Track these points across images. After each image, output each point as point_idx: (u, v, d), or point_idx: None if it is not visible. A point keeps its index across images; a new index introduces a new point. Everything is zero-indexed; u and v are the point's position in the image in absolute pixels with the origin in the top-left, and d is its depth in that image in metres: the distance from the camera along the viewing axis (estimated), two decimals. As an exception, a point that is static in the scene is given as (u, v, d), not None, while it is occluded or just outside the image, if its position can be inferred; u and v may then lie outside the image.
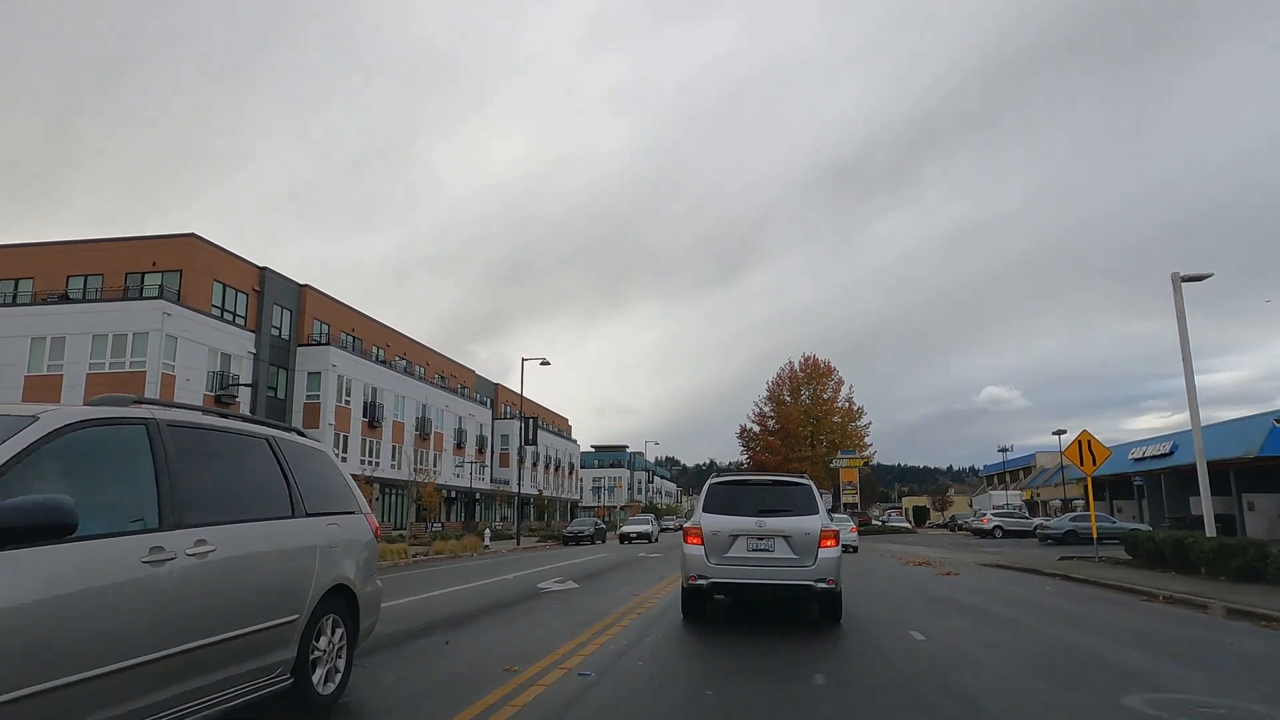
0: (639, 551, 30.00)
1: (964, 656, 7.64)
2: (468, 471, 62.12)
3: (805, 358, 78.71)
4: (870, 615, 10.99)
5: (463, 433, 61.47)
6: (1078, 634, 9.21)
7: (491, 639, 8.76)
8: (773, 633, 9.20)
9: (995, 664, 7.32)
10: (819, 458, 74.98)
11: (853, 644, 8.39)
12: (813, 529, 9.35)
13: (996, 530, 45.18)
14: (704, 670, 7.09)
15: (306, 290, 44.06)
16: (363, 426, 46.14)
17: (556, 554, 31.38)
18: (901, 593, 14.35)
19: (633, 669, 6.87)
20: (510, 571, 19.52)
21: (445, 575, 19.00)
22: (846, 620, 9.97)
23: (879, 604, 12.39)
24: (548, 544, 44.26)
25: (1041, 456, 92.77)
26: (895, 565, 22.57)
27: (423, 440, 54.32)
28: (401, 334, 56.19)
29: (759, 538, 9.32)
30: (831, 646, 8.28)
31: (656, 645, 8.21)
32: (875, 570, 20.69)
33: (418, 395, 54.16)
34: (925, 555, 26.24)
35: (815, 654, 7.79)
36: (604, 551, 31.79)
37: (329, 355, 42.66)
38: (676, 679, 6.63)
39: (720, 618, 10.49)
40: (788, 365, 79.42)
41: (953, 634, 9.21)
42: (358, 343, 49.07)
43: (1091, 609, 11.90)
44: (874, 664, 7.26)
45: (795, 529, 9.35)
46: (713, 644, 8.43)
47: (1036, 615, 11.10)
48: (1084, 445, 21.16)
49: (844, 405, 77.05)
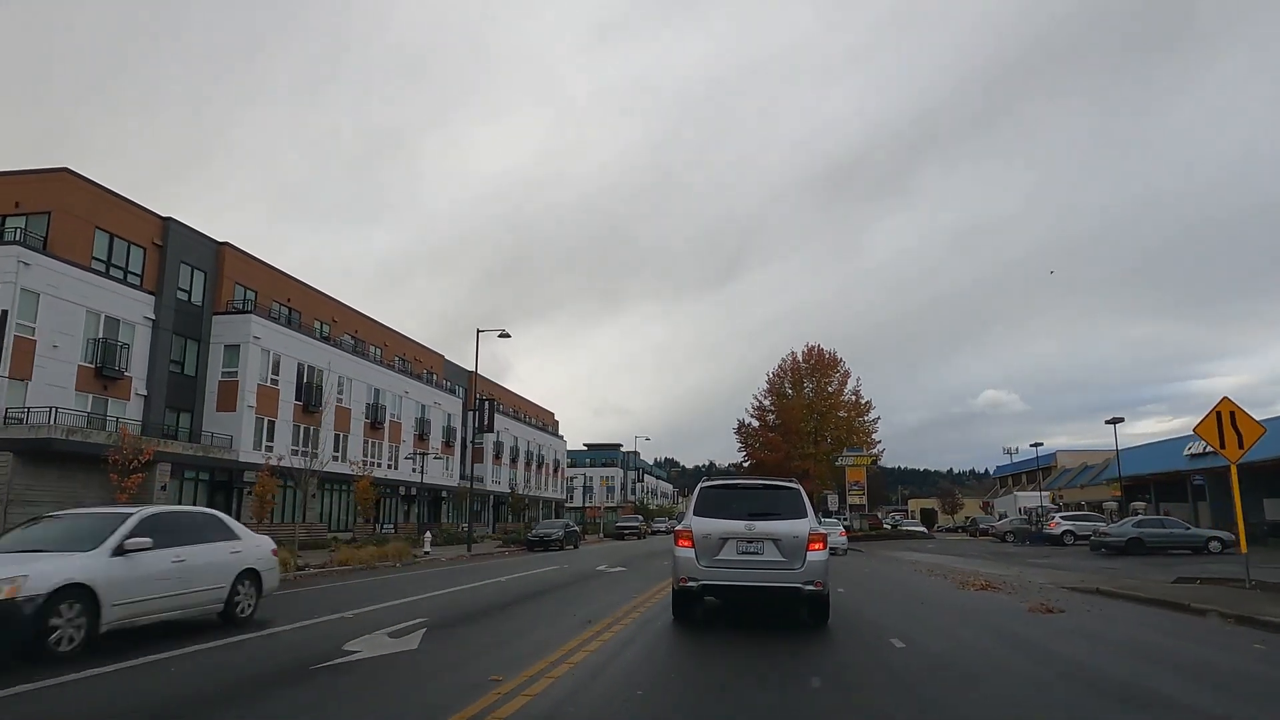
0: (600, 565, 23.46)
1: None
2: (434, 466, 55.52)
3: (809, 348, 72.17)
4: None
5: (426, 423, 54.88)
6: None
7: None
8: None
9: None
10: (823, 455, 68.35)
11: None
12: (801, 532, 9.42)
13: (1067, 535, 38.31)
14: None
15: (226, 250, 37.48)
16: (295, 411, 39.57)
17: (499, 565, 24.91)
18: (1013, 661, 7.75)
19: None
20: (354, 606, 12.95)
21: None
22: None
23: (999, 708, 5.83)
24: (509, 550, 37.77)
25: (1063, 456, 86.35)
26: (946, 589, 16.03)
27: (374, 430, 47.74)
28: (352, 309, 49.60)
29: (748, 540, 9.43)
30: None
31: None
32: (921, 597, 14.14)
33: (370, 378, 47.58)
34: (982, 573, 19.71)
35: None
36: (560, 564, 25.24)
37: (250, 325, 36.09)
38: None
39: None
40: (789, 356, 72.87)
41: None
42: (295, 315, 42.50)
43: None
44: None
45: (784, 532, 9.41)
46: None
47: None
48: (1226, 419, 14.58)
49: (850, 399, 70.46)
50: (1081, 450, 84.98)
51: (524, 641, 8.73)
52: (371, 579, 19.10)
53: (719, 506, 9.77)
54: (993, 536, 50.37)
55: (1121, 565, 23.85)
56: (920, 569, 22.70)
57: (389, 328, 54.32)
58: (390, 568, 24.09)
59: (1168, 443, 47.76)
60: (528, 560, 27.82)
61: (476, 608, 12.39)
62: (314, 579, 19.11)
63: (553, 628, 9.88)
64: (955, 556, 30.17)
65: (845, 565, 24.13)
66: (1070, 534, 38.91)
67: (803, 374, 71.73)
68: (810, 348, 72.30)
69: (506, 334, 34.99)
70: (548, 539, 37.67)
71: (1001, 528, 47.35)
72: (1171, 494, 47.46)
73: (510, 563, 26.60)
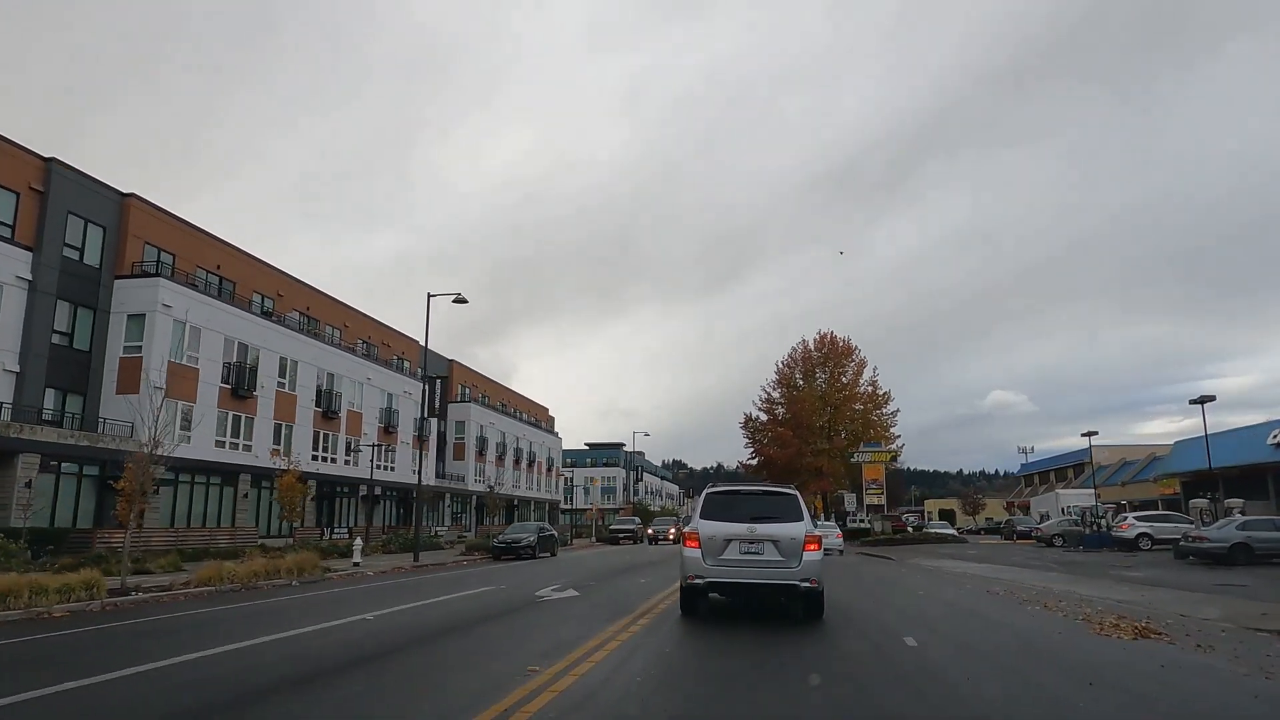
0: (549, 585, 17.33)
1: None
2: (402, 462, 49.61)
3: (821, 335, 65.81)
4: None
5: (393, 414, 48.95)
6: None
7: None
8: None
9: None
10: (838, 451, 61.98)
11: None
12: (798, 534, 10.06)
13: (1142, 539, 32.15)
14: None
15: (131, 202, 31.63)
16: (222, 395, 33.69)
17: (427, 584, 18.95)
18: None
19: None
20: (73, 676, 6.93)
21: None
22: None
23: None
24: (471, 558, 31.78)
25: (1098, 451, 79.51)
26: (1068, 633, 9.82)
27: (327, 420, 41.84)
28: (304, 283, 43.71)
29: (750, 542, 10.08)
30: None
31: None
32: (1046, 653, 7.78)
33: (323, 362, 41.69)
34: (1087, 596, 13.57)
35: None
36: (502, 582, 19.16)
37: (158, 291, 30.20)
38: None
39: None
40: (800, 344, 66.50)
41: None
42: (227, 286, 36.64)
43: None
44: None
45: (782, 534, 10.07)
46: None
47: None
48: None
49: (866, 390, 64.10)
50: (1119, 445, 78.48)
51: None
52: (216, 609, 13.11)
53: (723, 510, 10.48)
54: (1036, 540, 44.04)
55: (1250, 580, 17.72)
56: (986, 588, 16.58)
57: (352, 308, 48.43)
58: (282, 587, 18.16)
59: (1244, 430, 41.35)
60: (472, 575, 21.82)
61: (241, 690, 6.38)
62: (120, 613, 13.09)
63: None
64: (1014, 567, 23.98)
65: (886, 582, 18.08)
66: (1146, 537, 32.65)
67: (815, 363, 65.52)
68: (822, 335, 66.05)
69: (463, 299, 29.02)
70: (516, 545, 31.65)
71: (1049, 530, 41.03)
72: (1245, 489, 41.02)
73: (449, 579, 20.64)
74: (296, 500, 28.06)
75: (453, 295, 29.19)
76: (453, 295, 29.19)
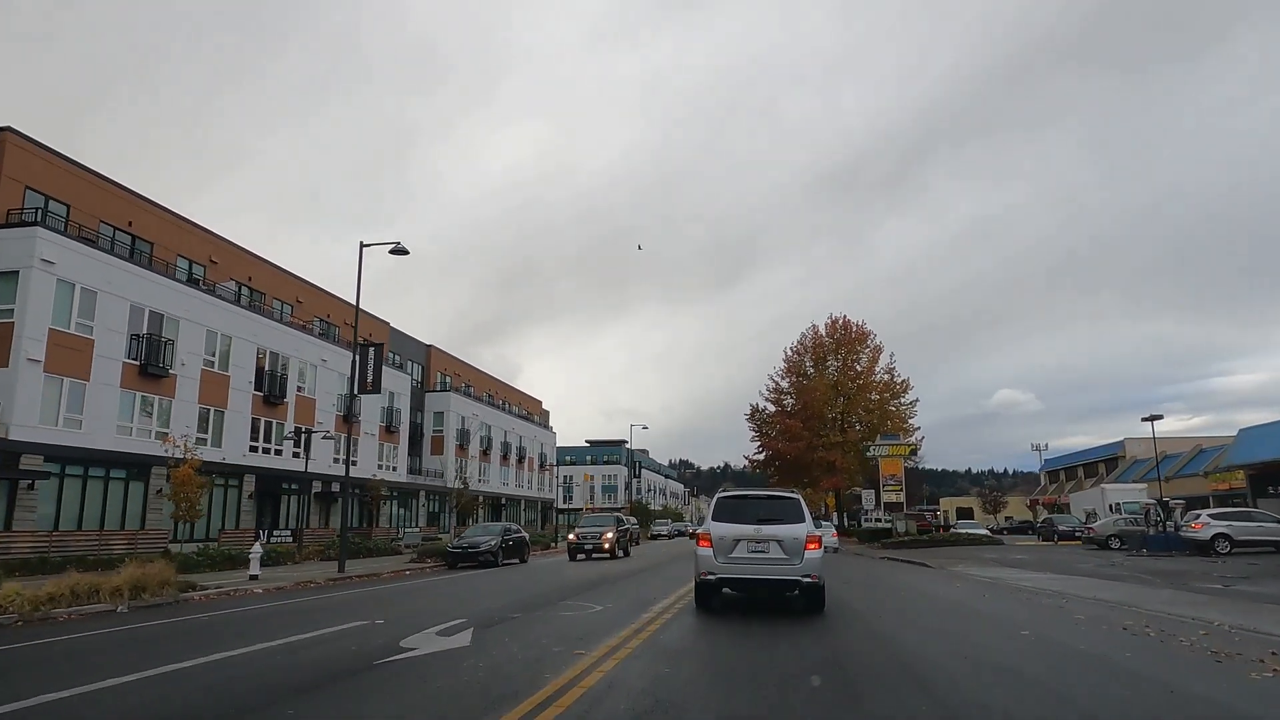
0: (424, 636, 11.90)
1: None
2: (366, 456, 44.33)
3: (832, 319, 60.07)
4: None
5: (355, 400, 43.53)
6: None
7: None
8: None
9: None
10: (852, 444, 56.30)
11: None
12: (800, 535, 10.96)
13: (1219, 541, 26.79)
14: None
15: (7, 138, 26.29)
16: (128, 373, 28.42)
17: (318, 610, 13.62)
18: None
19: None
20: None
21: None
22: None
23: None
24: (421, 567, 26.49)
25: (1133, 445, 73.64)
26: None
27: (269, 406, 36.52)
28: (247, 251, 38.37)
29: (757, 541, 10.98)
30: None
31: None
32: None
33: (265, 339, 36.39)
34: (1237, 627, 8.11)
35: None
36: (373, 619, 13.78)
37: (35, 244, 24.81)
38: None
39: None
40: (810, 330, 60.70)
41: None
42: (143, 247, 31.35)
43: None
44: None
45: (786, 535, 10.96)
46: None
47: None
48: None
49: (883, 378, 58.35)
50: (1159, 438, 72.32)
51: None
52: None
53: (732, 513, 11.45)
54: (1084, 542, 38.41)
55: None
56: (1101, 617, 11.08)
57: (307, 282, 43.09)
58: (92, 618, 12.85)
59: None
60: (375, 598, 16.46)
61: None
62: None
63: None
64: (1093, 579, 18.44)
65: (944, 604, 12.52)
66: (1223, 539, 27.13)
67: (826, 350, 59.82)
68: (834, 319, 60.34)
69: (403, 249, 23.65)
70: (475, 551, 26.32)
71: (1102, 530, 35.37)
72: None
73: (338, 604, 15.32)
74: (196, 497, 22.69)
75: (390, 244, 23.82)
76: (390, 244, 23.82)
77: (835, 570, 22.74)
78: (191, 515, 22.82)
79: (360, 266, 23.92)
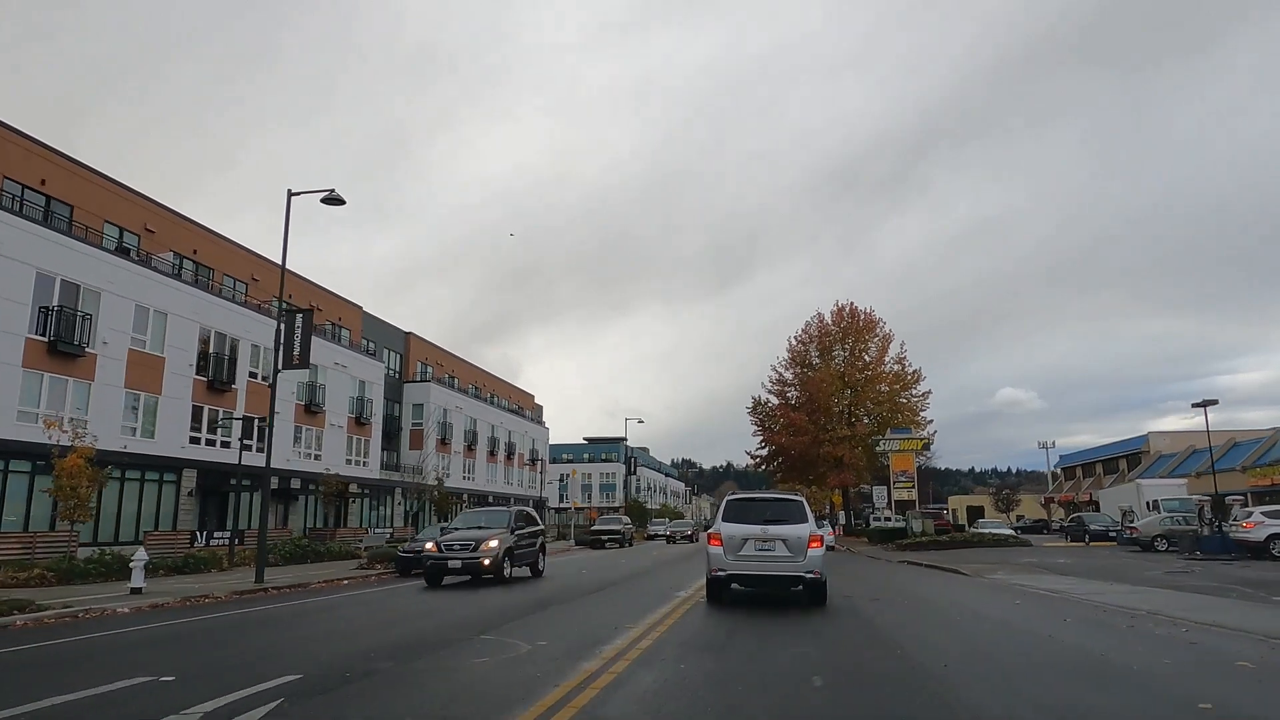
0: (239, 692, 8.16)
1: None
2: (333, 449, 40.60)
3: (839, 306, 56.11)
4: None
5: (317, 389, 39.82)
6: None
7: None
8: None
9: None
10: (860, 438, 52.41)
11: None
12: (803, 534, 11.86)
13: (1274, 542, 23.19)
14: None
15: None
16: (31, 350, 24.65)
17: (121, 648, 9.73)
18: None
19: None
20: None
21: None
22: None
23: None
24: (370, 575, 22.64)
25: (1157, 439, 69.67)
26: None
27: (215, 394, 32.72)
28: (192, 221, 34.57)
29: (763, 541, 11.87)
30: None
31: None
32: None
33: (208, 317, 32.57)
34: None
35: None
36: (160, 674, 9.95)
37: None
38: None
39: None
40: (816, 318, 56.72)
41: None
42: (60, 210, 27.58)
43: None
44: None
45: (790, 534, 11.85)
46: None
47: None
48: None
49: (893, 368, 54.39)
50: (1184, 432, 68.60)
51: None
52: None
53: (741, 515, 12.34)
54: (1118, 542, 34.51)
55: None
56: (1250, 663, 7.27)
57: (264, 258, 39.23)
58: None
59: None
60: (242, 626, 12.70)
61: None
62: None
63: None
64: (1180, 592, 14.61)
65: (1027, 638, 8.62)
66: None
67: (833, 339, 55.83)
68: (841, 306, 56.32)
69: (337, 198, 19.86)
70: (422, 556, 22.42)
71: (1148, 529, 31.48)
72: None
73: (206, 630, 11.65)
74: (86, 493, 18.89)
75: (321, 192, 20.01)
76: (321, 192, 20.01)
77: (854, 577, 19.02)
78: (81, 514, 19.01)
79: (288, 217, 20.10)
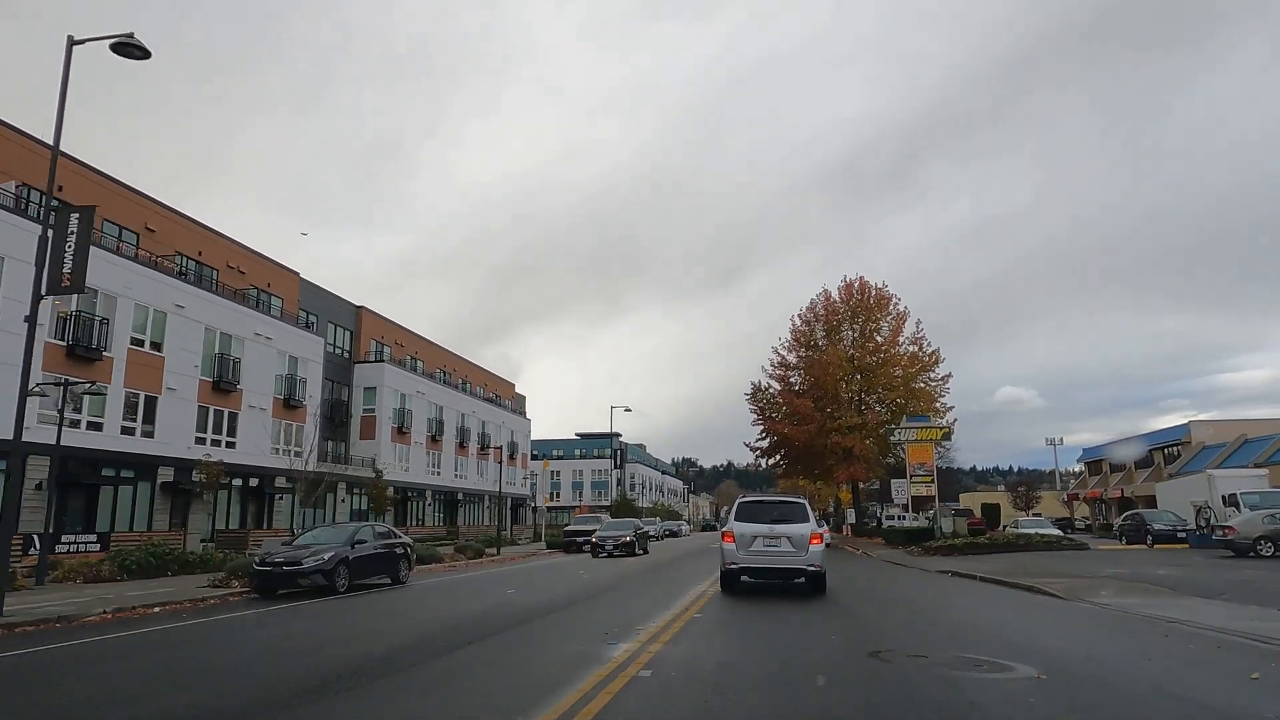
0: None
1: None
2: (256, 437, 34.26)
3: (847, 282, 49.57)
4: None
5: (232, 364, 33.41)
6: None
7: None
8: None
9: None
10: (872, 427, 45.94)
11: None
12: (806, 532, 13.84)
13: None
14: None
15: None
16: None
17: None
18: None
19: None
20: None
21: None
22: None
23: None
24: (226, 590, 16.32)
25: (1199, 429, 63.12)
26: None
27: (79, 363, 26.34)
28: (73, 159, 28.22)
29: (771, 538, 13.87)
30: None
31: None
32: None
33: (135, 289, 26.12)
34: None
35: None
36: None
37: None
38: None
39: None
40: (822, 295, 50.06)
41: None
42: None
43: None
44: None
45: (794, 532, 13.82)
46: None
47: None
48: None
49: (908, 349, 47.85)
50: (1231, 421, 62.19)
51: None
52: None
53: (751, 515, 14.32)
54: (1204, 544, 28.04)
55: None
56: None
57: (163, 205, 32.81)
58: None
59: None
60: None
61: None
62: None
63: None
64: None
65: None
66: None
67: (841, 318, 49.14)
68: (850, 282, 49.66)
69: (136, 47, 13.57)
70: (295, 569, 16.10)
71: (1247, 530, 25.05)
72: None
73: None
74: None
75: (113, 37, 13.65)
76: (113, 37, 13.65)
77: (890, 601, 13.91)
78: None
79: (67, 67, 13.71)
